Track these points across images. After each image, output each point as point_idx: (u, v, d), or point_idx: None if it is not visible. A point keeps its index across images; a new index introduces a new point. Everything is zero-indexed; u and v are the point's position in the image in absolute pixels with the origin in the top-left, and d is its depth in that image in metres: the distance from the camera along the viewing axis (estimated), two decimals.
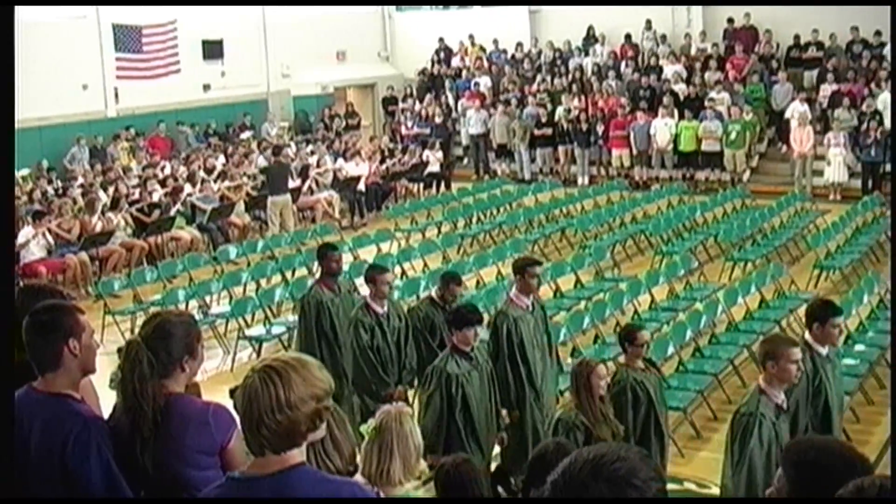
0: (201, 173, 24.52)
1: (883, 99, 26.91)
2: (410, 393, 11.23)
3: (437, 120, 31.75)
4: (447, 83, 33.84)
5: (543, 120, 29.95)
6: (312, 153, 27.38)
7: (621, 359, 9.55)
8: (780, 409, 7.44)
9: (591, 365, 8.46)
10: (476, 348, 9.36)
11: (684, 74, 30.54)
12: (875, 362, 13.22)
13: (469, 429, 9.16)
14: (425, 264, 18.57)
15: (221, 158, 26.72)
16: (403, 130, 32.44)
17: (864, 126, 26.22)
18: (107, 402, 5.41)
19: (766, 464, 7.11)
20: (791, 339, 8.32)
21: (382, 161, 28.20)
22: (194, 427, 4.87)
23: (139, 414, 4.83)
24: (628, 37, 32.68)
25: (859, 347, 13.51)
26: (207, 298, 17.24)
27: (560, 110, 30.02)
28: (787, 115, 27.74)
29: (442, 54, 35.52)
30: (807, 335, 8.58)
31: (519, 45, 34.28)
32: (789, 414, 7.73)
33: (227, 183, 24.31)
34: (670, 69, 30.81)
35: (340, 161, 27.23)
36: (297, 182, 24.76)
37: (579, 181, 29.19)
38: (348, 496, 3.93)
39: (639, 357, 9.31)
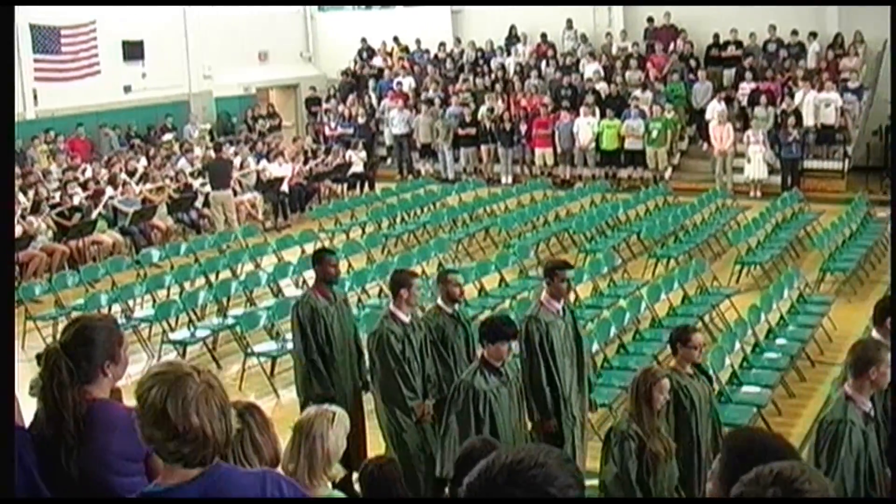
0: (123, 176, 24.25)
1: (800, 97, 27.31)
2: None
3: (361, 120, 31.68)
4: (370, 83, 33.78)
5: (467, 119, 30.01)
6: (235, 154, 27.23)
7: (671, 362, 9.02)
8: (868, 416, 7.06)
9: (657, 376, 7.95)
10: (506, 363, 8.88)
11: (605, 73, 30.74)
12: (796, 356, 13.41)
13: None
14: (350, 265, 18.51)
15: (143, 161, 26.46)
16: (327, 131, 32.33)
17: (783, 124, 26.58)
18: (28, 409, 5.34)
19: (856, 472, 6.88)
20: (883, 343, 7.76)
21: (306, 162, 28.10)
22: (119, 433, 4.77)
23: (61, 422, 4.77)
24: (544, 36, 32.87)
25: (780, 342, 13.68)
26: (130, 302, 17.05)
27: (483, 110, 30.08)
28: (708, 113, 28.06)
29: (365, 54, 35.47)
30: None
31: (441, 44, 34.34)
32: (874, 422, 7.24)
33: (148, 185, 24.06)
34: (591, 68, 31.00)
35: (263, 162, 27.08)
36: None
37: (503, 180, 29.29)
38: (272, 481, 3.94)
39: (690, 361, 8.83)
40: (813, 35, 29.73)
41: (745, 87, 28.80)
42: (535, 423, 9.80)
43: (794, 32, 29.91)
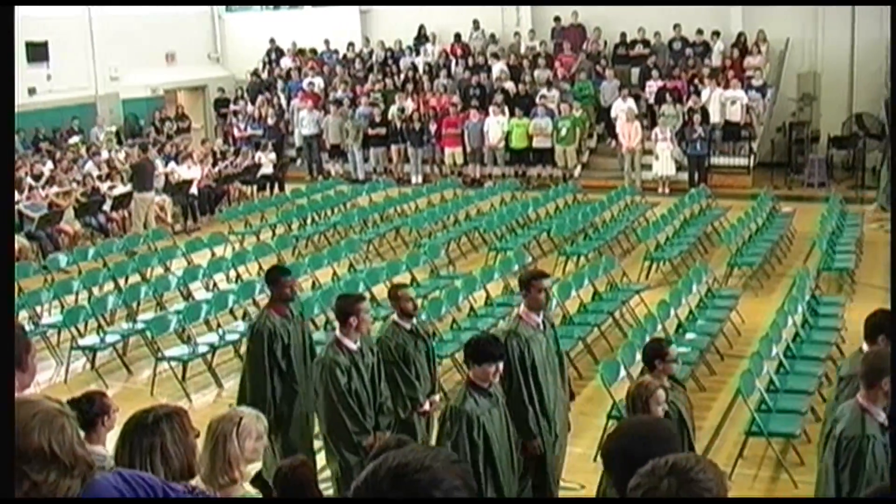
0: (28, 180, 23.85)
1: (706, 95, 27.67)
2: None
3: (270, 121, 31.49)
4: (279, 84, 33.60)
5: (376, 119, 29.98)
6: None
7: (647, 377, 8.40)
8: (883, 427, 6.70)
9: (651, 388, 7.60)
10: (493, 383, 8.28)
11: (513, 73, 30.89)
12: (705, 350, 13.58)
13: (490, 472, 8.05)
14: (260, 267, 18.39)
15: (49, 164, 26.05)
16: (236, 132, 32.09)
17: (689, 121, 26.90)
18: None
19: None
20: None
21: (215, 164, 27.89)
22: None
23: None
24: (458, 36, 32.95)
25: (690, 336, 13.84)
26: (38, 308, 16.72)
27: (393, 110, 30.08)
28: (613, 111, 28.31)
29: (273, 55, 35.27)
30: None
31: (350, 45, 34.27)
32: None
33: (55, 189, 23.71)
34: (500, 67, 31.13)
35: (172, 164, 26.80)
36: (129, 187, 24.27)
37: (413, 180, 29.33)
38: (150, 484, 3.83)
39: (667, 374, 8.53)
40: (716, 34, 30.15)
41: (653, 85, 29.12)
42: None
43: (699, 31, 30.32)
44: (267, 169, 28.44)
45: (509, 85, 30.19)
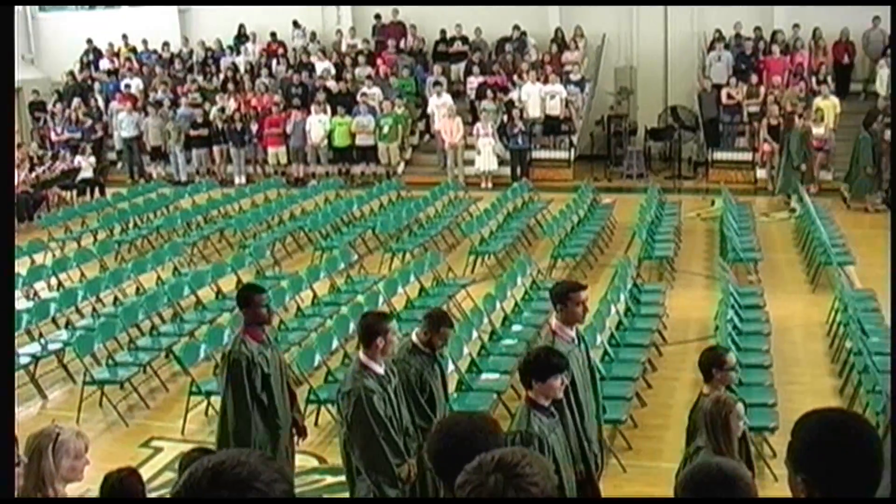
0: None
1: (526, 90, 28.04)
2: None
3: (88, 124, 30.81)
4: (97, 85, 32.87)
5: (198, 120, 29.58)
6: None
7: (705, 388, 8.18)
8: None
9: (730, 404, 7.03)
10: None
11: (335, 71, 30.82)
12: (531, 340, 13.70)
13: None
14: (82, 274, 17.96)
15: None
16: (53, 136, 31.26)
17: (510, 116, 27.21)
18: None
19: None
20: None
21: (32, 169, 27.16)
22: None
23: None
24: (277, 35, 32.71)
25: (516, 328, 13.98)
26: None
27: (214, 110, 29.73)
28: (431, 107, 28.47)
29: (91, 55, 34.48)
30: None
31: (165, 44, 33.76)
32: None
33: None
34: (321, 66, 31.03)
35: None
36: None
37: (236, 181, 29.01)
38: None
39: (725, 384, 8.16)
40: (535, 30, 30.58)
41: (473, 81, 29.37)
42: None
43: (517, 27, 30.70)
44: (86, 173, 27.83)
45: (331, 83, 30.10)
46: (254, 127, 29.35)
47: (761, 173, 26.34)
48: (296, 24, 32.70)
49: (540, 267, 17.27)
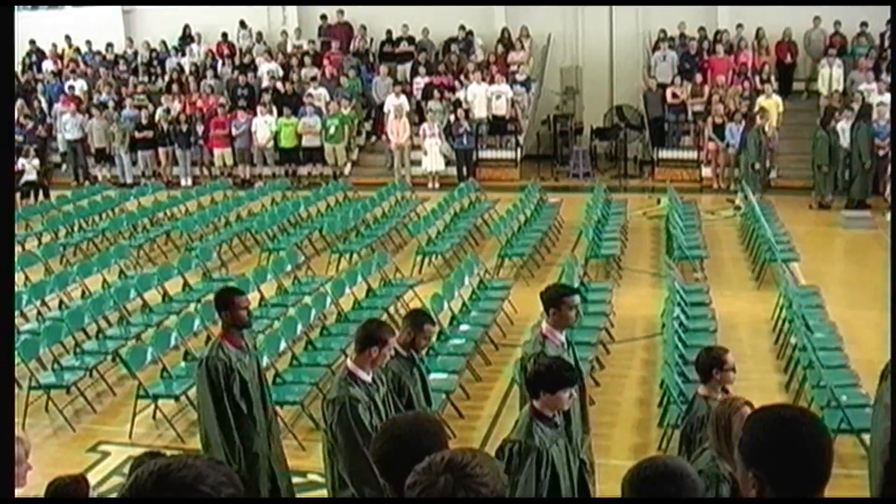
0: None
1: (472, 90, 28.09)
2: None
3: (31, 126, 30.50)
4: (40, 87, 32.54)
5: (143, 122, 29.36)
6: None
7: (701, 389, 8.22)
8: None
9: (736, 405, 6.83)
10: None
11: (281, 72, 30.73)
12: (480, 341, 13.76)
13: None
14: (27, 278, 17.79)
15: None
16: None
17: (455, 116, 27.25)
18: None
19: None
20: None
21: None
22: None
23: None
24: (224, 35, 32.57)
25: (464, 328, 14.00)
26: None
27: (159, 111, 29.52)
28: (386, 107, 28.45)
29: (34, 57, 34.12)
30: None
31: (109, 45, 33.49)
32: None
33: None
34: (267, 67, 30.92)
35: None
36: None
37: (182, 182, 28.82)
38: None
39: (725, 384, 8.12)
40: (481, 30, 30.66)
41: (420, 82, 29.38)
42: None
43: (462, 28, 30.75)
44: (30, 175, 27.52)
45: (278, 84, 30.00)
46: (199, 128, 29.16)
47: (706, 171, 26.56)
48: (243, 24, 32.55)
49: (487, 266, 17.28)
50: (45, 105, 31.95)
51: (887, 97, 25.04)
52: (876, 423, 7.85)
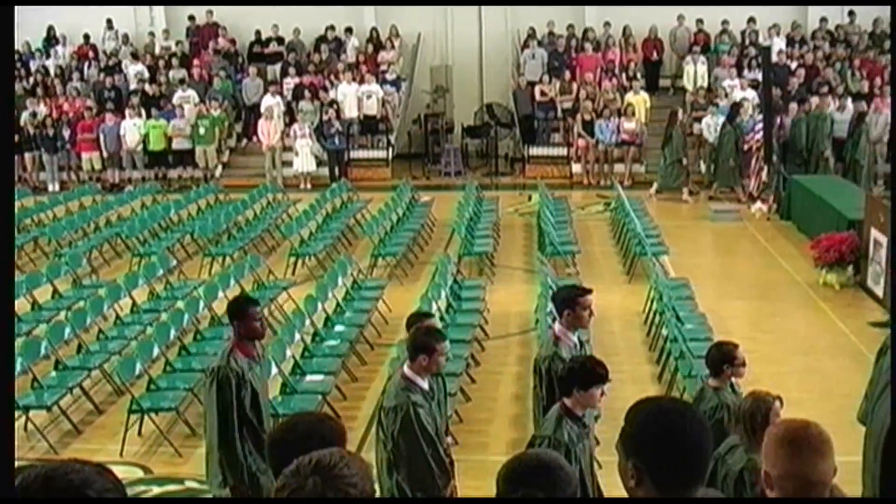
0: None
1: (342, 90, 28.10)
2: None
3: None
4: None
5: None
6: None
7: (711, 382, 8.21)
8: None
9: (769, 400, 6.76)
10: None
11: (147, 74, 30.35)
12: (355, 341, 13.78)
13: None
14: None
15: None
16: None
17: (327, 117, 27.21)
18: None
19: None
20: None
21: None
22: None
23: None
24: (87, 37, 32.03)
25: (339, 328, 14.00)
26: None
27: (25, 115, 28.92)
28: (262, 108, 28.29)
29: None
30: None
31: None
32: None
33: None
34: (135, 69, 30.52)
35: None
36: None
37: (49, 188, 28.28)
38: None
39: (735, 377, 8.18)
40: (349, 30, 30.67)
41: (290, 82, 29.25)
42: None
43: (332, 27, 30.71)
44: None
45: (146, 86, 29.63)
46: (66, 132, 28.63)
47: (576, 168, 26.92)
48: (109, 24, 32.00)
49: (360, 266, 17.29)
50: None
51: (749, 93, 25.73)
52: (874, 413, 8.00)
